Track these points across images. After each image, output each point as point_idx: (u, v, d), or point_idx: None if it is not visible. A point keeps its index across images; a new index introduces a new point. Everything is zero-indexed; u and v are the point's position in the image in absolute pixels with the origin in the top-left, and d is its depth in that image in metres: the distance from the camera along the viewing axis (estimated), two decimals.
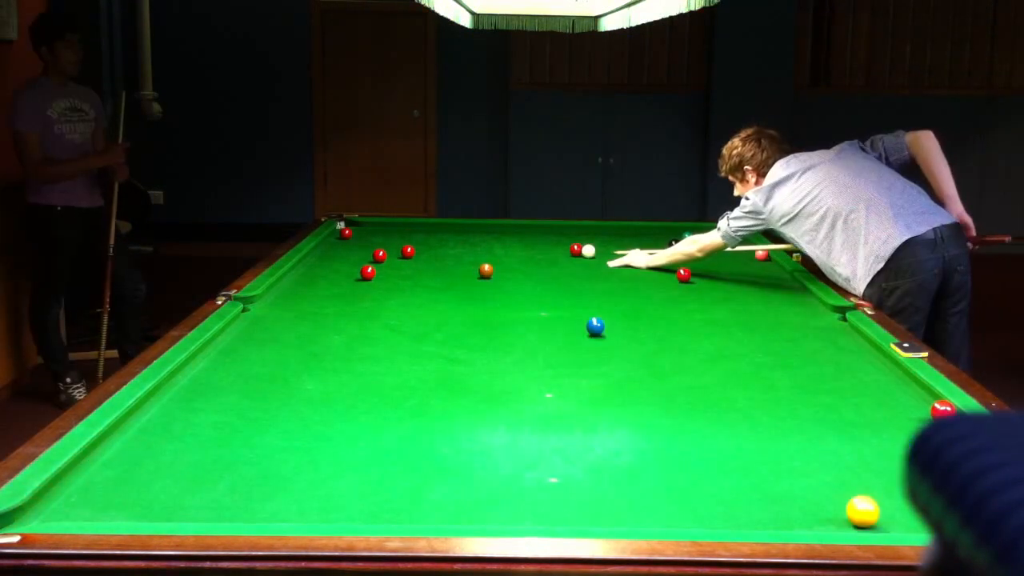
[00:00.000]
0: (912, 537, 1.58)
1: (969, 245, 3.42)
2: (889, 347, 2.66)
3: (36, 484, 1.72)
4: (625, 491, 1.86)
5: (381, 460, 1.98)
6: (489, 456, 2.02)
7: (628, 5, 3.53)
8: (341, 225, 4.46)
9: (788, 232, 3.48)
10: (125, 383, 2.27)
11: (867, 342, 2.81)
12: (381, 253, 3.85)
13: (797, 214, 3.40)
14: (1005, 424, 0.58)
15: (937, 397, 2.30)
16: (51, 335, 4.72)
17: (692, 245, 3.74)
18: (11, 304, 4.79)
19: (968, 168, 8.23)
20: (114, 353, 4.90)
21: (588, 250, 4.10)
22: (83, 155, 4.65)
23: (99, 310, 4.84)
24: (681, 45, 8.04)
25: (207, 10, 8.08)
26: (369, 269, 3.57)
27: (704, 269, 3.83)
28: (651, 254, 3.87)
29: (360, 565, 1.52)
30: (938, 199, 3.51)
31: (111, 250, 4.69)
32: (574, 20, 4.19)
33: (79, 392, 4.66)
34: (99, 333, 4.80)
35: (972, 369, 2.91)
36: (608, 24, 3.96)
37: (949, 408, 2.19)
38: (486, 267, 3.62)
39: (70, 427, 1.99)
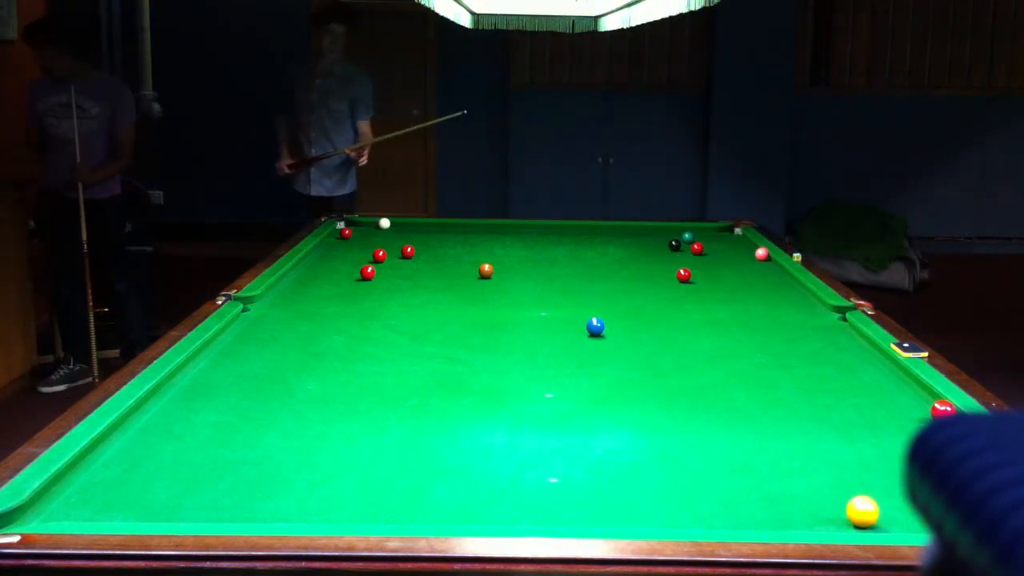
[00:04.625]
0: (912, 537, 1.58)
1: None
2: (889, 347, 2.66)
3: (36, 484, 1.72)
4: (625, 491, 1.86)
5: (381, 460, 1.99)
6: (489, 456, 2.02)
7: (628, 5, 3.53)
8: (341, 225, 4.46)
9: None
10: (125, 383, 2.28)
11: (867, 342, 2.81)
12: (381, 253, 3.85)
13: None
14: (1005, 424, 0.58)
15: (937, 397, 2.30)
16: (65, 315, 4.86)
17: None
18: (3, 305, 4.78)
19: (968, 168, 8.24)
20: (112, 353, 4.92)
21: (384, 222, 4.48)
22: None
23: (106, 309, 4.88)
24: (681, 45, 8.04)
25: (207, 10, 8.08)
26: (369, 269, 3.57)
27: (704, 269, 3.83)
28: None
29: (360, 565, 1.52)
30: None
31: (84, 247, 4.67)
32: (574, 20, 4.18)
33: (60, 376, 4.73)
34: (100, 332, 4.80)
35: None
36: (608, 24, 3.96)
37: (949, 408, 2.19)
38: (486, 267, 3.62)
39: (70, 427, 1.99)
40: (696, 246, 4.13)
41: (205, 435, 2.09)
